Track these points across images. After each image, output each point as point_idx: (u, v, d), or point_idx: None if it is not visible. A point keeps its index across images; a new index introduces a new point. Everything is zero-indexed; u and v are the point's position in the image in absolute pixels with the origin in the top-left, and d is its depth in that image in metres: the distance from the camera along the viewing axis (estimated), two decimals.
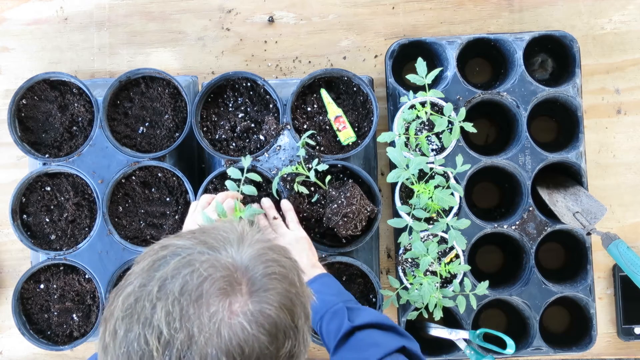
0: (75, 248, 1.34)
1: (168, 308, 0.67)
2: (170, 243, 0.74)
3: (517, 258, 1.43)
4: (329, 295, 1.10)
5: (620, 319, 1.45)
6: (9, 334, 1.50)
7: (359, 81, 1.34)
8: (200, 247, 0.72)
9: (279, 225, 1.24)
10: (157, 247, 0.74)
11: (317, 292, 1.11)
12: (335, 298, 1.09)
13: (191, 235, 0.75)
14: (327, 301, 1.08)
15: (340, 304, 1.07)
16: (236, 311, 0.68)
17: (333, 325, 1.04)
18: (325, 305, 1.08)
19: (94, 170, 1.34)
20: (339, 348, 1.01)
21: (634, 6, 1.50)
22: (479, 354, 1.32)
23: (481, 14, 1.51)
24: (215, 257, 0.71)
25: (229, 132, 1.36)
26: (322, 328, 1.07)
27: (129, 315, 0.68)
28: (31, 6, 1.54)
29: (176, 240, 0.74)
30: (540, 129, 1.49)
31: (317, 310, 1.08)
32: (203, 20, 1.52)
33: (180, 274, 0.69)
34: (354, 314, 1.05)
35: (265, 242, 0.77)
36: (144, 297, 0.68)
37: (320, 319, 1.07)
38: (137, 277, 0.71)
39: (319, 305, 1.09)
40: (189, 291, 0.68)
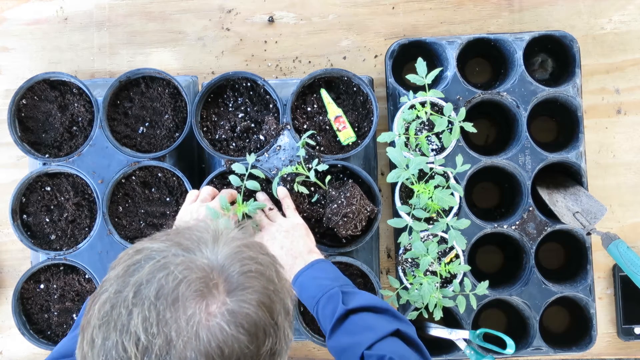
0: (75, 248, 1.34)
1: (145, 314, 0.66)
2: (144, 247, 0.73)
3: (517, 258, 1.43)
4: (325, 279, 1.10)
5: (620, 319, 1.45)
6: (9, 334, 1.50)
7: (359, 81, 1.34)
8: (175, 249, 0.71)
9: (275, 215, 1.25)
10: (132, 252, 0.73)
11: (314, 277, 1.11)
12: (332, 282, 1.09)
13: (165, 237, 0.74)
14: (324, 285, 1.08)
15: (335, 288, 1.07)
16: (214, 312, 0.68)
17: (328, 309, 1.04)
18: (321, 290, 1.08)
19: (94, 170, 1.34)
20: (334, 332, 1.01)
21: (634, 6, 1.50)
22: (479, 354, 1.32)
23: (481, 14, 1.51)
24: (190, 258, 0.70)
25: (229, 132, 1.36)
26: (319, 312, 1.07)
27: (105, 322, 0.67)
28: (31, 6, 1.54)
29: (150, 243, 0.73)
30: (540, 129, 1.49)
31: (313, 295, 1.08)
32: (203, 20, 1.52)
33: (155, 277, 0.68)
34: (349, 297, 1.05)
35: (240, 240, 0.76)
36: (119, 304, 0.67)
37: (316, 303, 1.07)
38: (112, 284, 0.70)
39: (315, 290, 1.08)
40: (164, 295, 0.67)
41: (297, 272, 1.13)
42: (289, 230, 1.20)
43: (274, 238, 1.20)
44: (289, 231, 1.20)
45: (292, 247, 1.17)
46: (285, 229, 1.21)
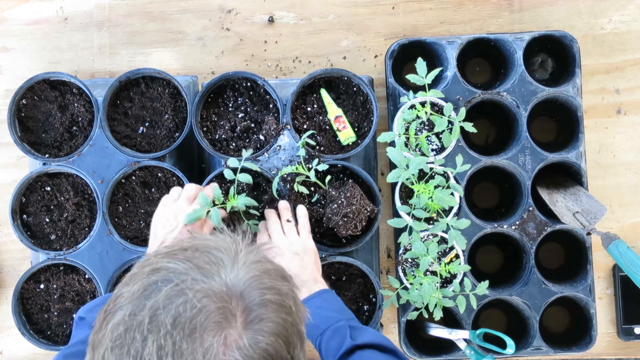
0: (75, 248, 1.34)
1: (160, 342, 0.64)
2: (161, 266, 0.70)
3: (517, 258, 1.43)
4: (331, 311, 1.08)
5: (620, 319, 1.45)
6: (9, 334, 1.50)
7: (359, 81, 1.34)
8: (194, 273, 0.69)
9: (291, 230, 1.22)
10: (148, 270, 0.70)
11: (319, 307, 1.09)
12: (337, 315, 1.07)
13: (183, 256, 0.71)
14: (329, 317, 1.07)
15: (342, 321, 1.05)
16: (231, 345, 0.66)
17: (334, 342, 1.03)
18: (326, 322, 1.06)
19: (94, 170, 1.34)
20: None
21: (634, 6, 1.50)
22: (479, 354, 1.32)
23: (481, 14, 1.51)
24: (209, 285, 0.68)
25: (229, 132, 1.36)
26: (322, 344, 1.05)
27: (118, 346, 0.66)
28: (31, 6, 1.54)
29: (167, 261, 0.71)
30: (540, 129, 1.49)
31: (317, 325, 1.06)
32: (203, 20, 1.52)
33: (173, 304, 0.66)
34: (356, 332, 1.03)
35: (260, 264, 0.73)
36: (134, 328, 0.66)
37: (320, 334, 1.05)
38: (127, 303, 0.68)
39: (320, 321, 1.07)
40: (182, 324, 0.65)
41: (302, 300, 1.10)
42: (300, 253, 1.18)
43: (282, 255, 1.17)
44: (300, 254, 1.17)
45: (299, 273, 1.15)
46: (296, 250, 1.18)
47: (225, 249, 0.73)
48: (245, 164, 1.23)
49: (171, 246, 0.75)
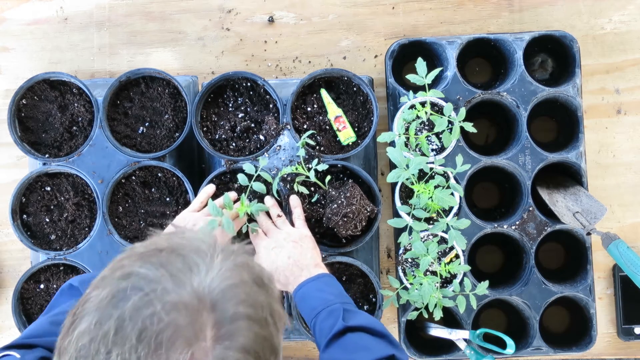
0: (75, 248, 1.34)
1: (125, 356, 0.62)
2: (132, 271, 0.67)
3: (517, 258, 1.43)
4: (329, 294, 1.10)
5: (620, 319, 1.45)
6: (9, 334, 1.50)
7: (359, 81, 1.34)
8: (165, 281, 0.65)
9: (283, 223, 1.25)
10: (119, 275, 0.67)
11: (318, 289, 1.11)
12: (335, 298, 1.09)
13: (157, 259, 0.68)
14: (326, 300, 1.08)
15: (337, 304, 1.07)
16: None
17: (327, 323, 1.04)
18: (322, 304, 1.08)
19: (94, 170, 1.34)
20: (329, 346, 1.01)
21: (634, 6, 1.50)
22: (479, 354, 1.32)
23: (481, 14, 1.51)
24: (179, 296, 0.65)
25: (229, 132, 1.36)
26: (316, 325, 1.07)
27: (82, 356, 0.64)
28: (31, 6, 1.54)
29: (139, 266, 0.67)
30: (540, 129, 1.49)
31: (314, 306, 1.08)
32: (203, 20, 1.52)
33: (140, 315, 0.63)
34: (350, 315, 1.05)
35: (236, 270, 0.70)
36: (99, 339, 0.63)
37: (316, 315, 1.07)
38: (94, 310, 0.65)
39: (317, 302, 1.08)
40: (147, 338, 0.62)
41: (301, 282, 1.13)
42: (298, 240, 1.20)
43: (281, 246, 1.19)
44: (298, 242, 1.20)
45: (300, 259, 1.17)
46: (293, 238, 1.20)
47: (202, 251, 0.70)
48: (261, 172, 1.25)
49: (147, 245, 0.72)
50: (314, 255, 1.20)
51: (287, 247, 1.19)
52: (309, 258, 1.18)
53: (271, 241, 1.21)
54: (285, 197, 1.30)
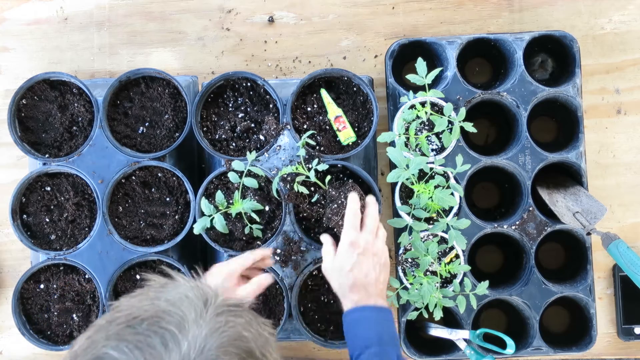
0: (75, 248, 1.34)
1: None
2: (103, 355, 0.62)
3: (517, 258, 1.43)
4: (385, 333, 1.04)
5: (620, 319, 1.45)
6: (9, 334, 1.50)
7: (359, 81, 1.34)
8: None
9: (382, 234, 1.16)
10: (90, 358, 0.62)
11: (377, 322, 1.05)
12: (390, 340, 1.03)
13: (133, 337, 0.62)
14: (383, 340, 1.02)
15: (392, 348, 1.02)
16: None
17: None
18: (377, 340, 1.02)
19: (94, 170, 1.34)
20: None
21: (634, 6, 1.50)
22: (479, 354, 1.32)
23: (481, 14, 1.51)
24: None
25: (229, 132, 1.36)
26: (361, 357, 1.01)
27: None
28: (31, 6, 1.54)
29: (112, 347, 0.62)
30: (540, 129, 1.49)
31: (369, 337, 1.02)
32: (203, 20, 1.52)
33: None
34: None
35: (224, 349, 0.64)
36: None
37: (366, 347, 1.01)
38: None
39: (372, 335, 1.02)
40: None
41: (363, 306, 1.07)
42: (381, 263, 1.12)
43: (366, 257, 1.10)
44: (380, 264, 1.12)
45: (374, 283, 1.09)
46: (380, 260, 1.12)
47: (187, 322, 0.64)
48: (251, 167, 1.24)
49: (131, 313, 0.66)
50: (385, 287, 1.13)
51: (369, 262, 1.10)
52: (382, 287, 1.11)
53: (361, 240, 1.12)
54: (285, 197, 1.30)
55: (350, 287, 1.08)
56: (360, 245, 1.11)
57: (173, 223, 1.35)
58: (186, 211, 1.35)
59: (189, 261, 1.40)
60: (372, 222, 1.16)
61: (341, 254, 1.11)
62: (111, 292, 1.33)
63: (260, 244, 1.30)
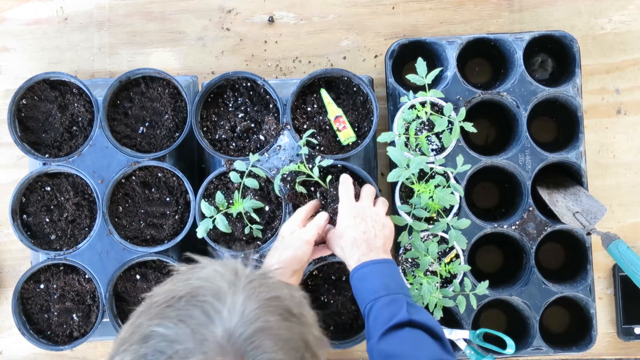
0: (75, 248, 1.34)
1: None
2: (151, 332, 0.64)
3: (517, 258, 1.43)
4: (392, 281, 1.06)
5: (620, 319, 1.45)
6: (9, 334, 1.50)
7: (359, 81, 1.34)
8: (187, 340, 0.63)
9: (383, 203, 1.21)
10: (137, 338, 0.65)
11: (381, 274, 1.07)
12: (397, 287, 1.05)
13: (176, 313, 0.66)
14: (388, 286, 1.04)
15: (401, 295, 1.03)
16: None
17: (386, 311, 1.00)
18: (385, 289, 1.03)
19: (94, 170, 1.34)
20: (387, 335, 0.97)
21: (634, 6, 1.50)
22: (479, 354, 1.32)
23: (481, 14, 1.51)
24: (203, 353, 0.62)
25: (229, 132, 1.36)
26: (373, 309, 1.02)
27: None
28: (31, 6, 1.54)
29: (157, 324, 0.65)
30: (540, 129, 1.49)
31: (375, 290, 1.04)
32: (203, 20, 1.52)
33: None
34: (413, 309, 1.01)
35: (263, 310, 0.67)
36: None
37: (375, 299, 1.03)
38: None
39: (378, 287, 1.04)
40: None
41: (365, 261, 1.09)
42: (380, 223, 1.15)
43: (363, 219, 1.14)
44: (379, 223, 1.15)
45: (374, 239, 1.13)
46: (378, 219, 1.15)
47: (223, 292, 0.67)
48: (252, 168, 1.25)
49: (166, 293, 0.69)
50: (387, 242, 1.15)
51: (368, 223, 1.14)
52: (382, 243, 1.14)
53: (357, 207, 1.16)
54: (285, 197, 1.30)
55: (351, 246, 1.12)
56: (356, 210, 1.16)
57: (173, 223, 1.35)
58: (186, 211, 1.35)
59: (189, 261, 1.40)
60: (367, 192, 1.21)
61: (339, 221, 1.17)
62: (111, 292, 1.33)
63: (260, 244, 1.30)
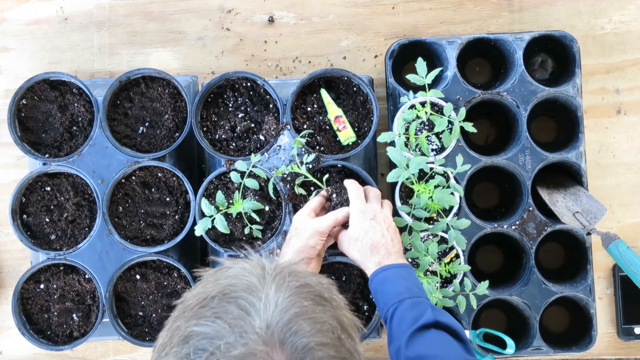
0: (75, 248, 1.34)
1: None
2: (191, 333, 0.66)
3: (517, 258, 1.43)
4: (413, 285, 1.07)
5: (620, 319, 1.45)
6: (9, 334, 1.50)
7: (359, 81, 1.34)
8: (227, 334, 0.64)
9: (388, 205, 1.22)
10: (177, 340, 0.66)
11: (402, 277, 1.08)
12: (419, 291, 1.06)
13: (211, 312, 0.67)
14: (412, 290, 1.05)
15: (423, 298, 1.04)
16: None
17: (412, 313, 1.00)
18: (408, 292, 1.03)
19: (94, 170, 1.34)
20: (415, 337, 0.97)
21: (634, 6, 1.50)
22: (479, 354, 1.32)
23: (481, 14, 1.51)
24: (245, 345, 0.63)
25: (229, 132, 1.36)
26: (397, 311, 1.02)
27: None
28: (31, 6, 1.54)
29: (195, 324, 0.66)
30: (540, 129, 1.49)
31: (399, 292, 1.04)
32: (203, 20, 1.52)
33: None
34: (437, 312, 1.02)
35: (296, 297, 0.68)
36: None
37: (399, 302, 1.02)
38: None
39: (401, 289, 1.04)
40: None
41: (386, 265, 1.09)
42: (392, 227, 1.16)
43: (377, 222, 1.14)
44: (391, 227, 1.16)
45: (391, 243, 1.13)
46: (389, 223, 1.16)
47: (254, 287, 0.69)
48: (253, 169, 1.25)
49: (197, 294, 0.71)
50: (400, 247, 1.16)
51: (382, 226, 1.14)
52: (399, 247, 1.15)
53: (369, 209, 1.16)
54: (285, 197, 1.30)
55: (371, 250, 1.12)
56: (369, 212, 1.15)
57: (173, 223, 1.35)
58: (186, 211, 1.35)
59: (189, 261, 1.40)
60: (375, 194, 1.21)
61: (354, 224, 1.15)
62: (111, 292, 1.33)
63: (260, 244, 1.30)
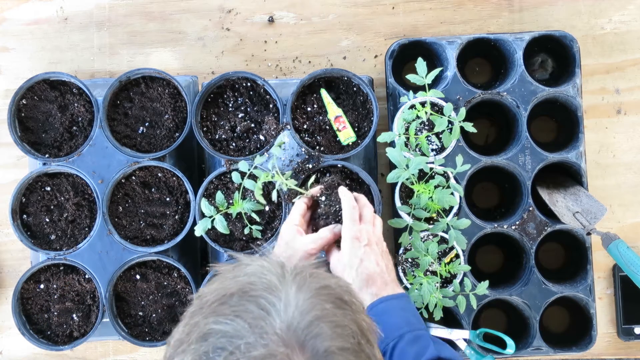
0: (75, 248, 1.34)
1: None
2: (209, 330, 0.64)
3: (517, 258, 1.43)
4: (412, 317, 1.04)
5: (620, 319, 1.45)
6: (9, 334, 1.50)
7: (359, 81, 1.34)
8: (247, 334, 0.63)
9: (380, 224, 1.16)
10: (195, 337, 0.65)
11: (402, 309, 1.04)
12: (418, 323, 1.03)
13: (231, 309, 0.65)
14: (411, 322, 1.02)
15: (423, 330, 1.02)
16: None
17: (413, 349, 0.98)
18: (408, 325, 1.01)
19: (94, 170, 1.34)
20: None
21: (634, 6, 1.50)
22: (479, 354, 1.32)
23: (481, 14, 1.51)
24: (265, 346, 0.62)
25: (229, 132, 1.36)
26: (398, 346, 0.99)
27: None
28: (31, 6, 1.54)
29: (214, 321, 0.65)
30: (540, 129, 1.49)
31: (398, 325, 1.01)
32: (203, 20, 1.52)
33: None
34: (439, 345, 1.00)
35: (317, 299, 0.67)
36: None
37: (400, 336, 1.00)
38: None
39: (401, 322, 1.02)
40: None
41: (384, 296, 1.05)
42: (385, 252, 1.12)
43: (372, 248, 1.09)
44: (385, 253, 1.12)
45: (386, 271, 1.09)
46: (382, 248, 1.12)
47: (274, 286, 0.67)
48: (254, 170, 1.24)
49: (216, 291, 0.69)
50: (394, 273, 1.12)
51: (376, 252, 1.09)
52: (394, 275, 1.11)
53: (364, 233, 1.10)
54: (285, 197, 1.29)
55: (366, 280, 1.07)
56: (363, 237, 1.10)
57: (173, 223, 1.35)
58: (186, 211, 1.35)
59: (189, 261, 1.40)
60: (369, 212, 1.15)
61: (347, 250, 1.09)
62: (111, 292, 1.33)
63: (260, 244, 1.30)
